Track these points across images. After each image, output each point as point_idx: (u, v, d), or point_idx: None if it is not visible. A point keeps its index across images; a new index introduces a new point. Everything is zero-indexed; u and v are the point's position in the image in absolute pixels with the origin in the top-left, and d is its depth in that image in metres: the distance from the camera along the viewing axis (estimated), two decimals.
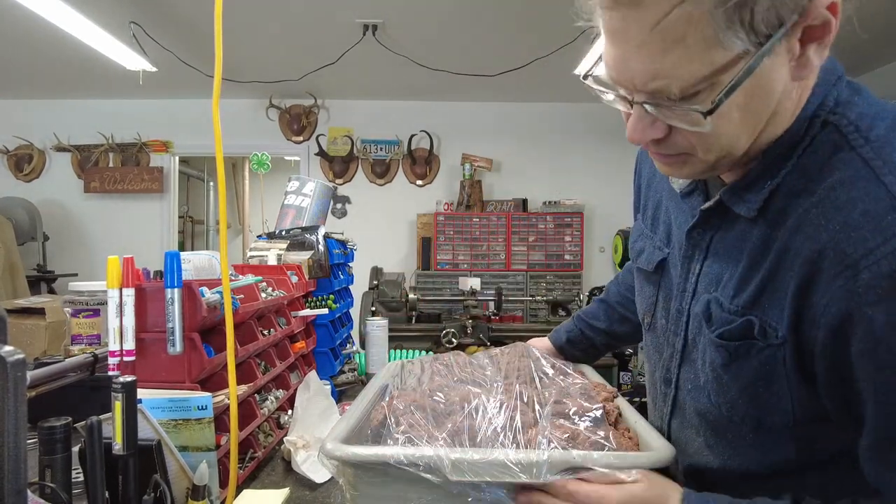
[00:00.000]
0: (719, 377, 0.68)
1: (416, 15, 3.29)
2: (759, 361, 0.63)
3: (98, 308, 1.31)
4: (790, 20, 0.51)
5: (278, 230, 1.85)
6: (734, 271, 0.66)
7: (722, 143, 0.59)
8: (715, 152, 0.60)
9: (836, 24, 0.54)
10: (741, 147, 0.60)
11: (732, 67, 0.53)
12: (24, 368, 0.53)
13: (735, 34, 0.51)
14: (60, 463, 0.69)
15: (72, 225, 5.01)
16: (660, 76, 0.54)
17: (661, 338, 0.81)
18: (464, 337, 3.13)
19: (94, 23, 3.15)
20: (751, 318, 0.63)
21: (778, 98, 0.57)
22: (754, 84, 0.54)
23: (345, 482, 0.72)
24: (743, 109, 0.56)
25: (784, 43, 0.53)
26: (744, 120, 0.57)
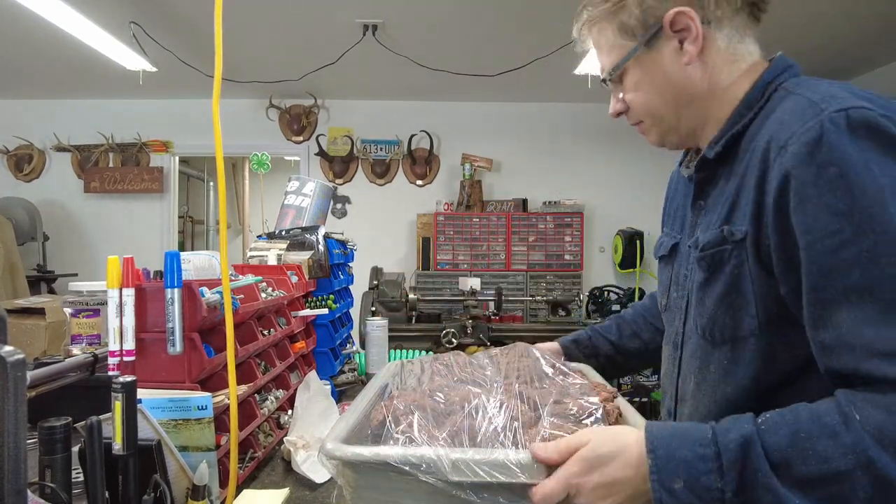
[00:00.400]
0: (701, 298, 0.81)
1: (416, 15, 3.29)
2: (729, 268, 0.76)
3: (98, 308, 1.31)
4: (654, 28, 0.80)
5: (278, 230, 1.85)
6: (716, 210, 0.81)
7: (645, 109, 0.86)
8: (647, 116, 0.87)
9: (696, 27, 0.78)
10: (667, 113, 0.85)
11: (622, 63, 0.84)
12: (24, 368, 0.53)
13: (624, 39, 0.83)
14: (60, 463, 0.69)
15: (72, 225, 5.01)
16: (603, 70, 0.88)
17: (673, 310, 0.93)
18: (464, 337, 3.13)
19: (94, 23, 3.15)
20: (723, 227, 0.77)
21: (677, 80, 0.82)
22: (645, 66, 0.83)
23: (344, 482, 0.72)
24: (644, 84, 0.84)
25: (662, 41, 0.80)
26: (650, 91, 0.84)
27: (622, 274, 5.01)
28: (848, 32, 3.39)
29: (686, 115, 0.84)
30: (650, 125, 0.88)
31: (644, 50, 0.81)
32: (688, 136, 0.87)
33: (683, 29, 0.79)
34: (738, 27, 0.80)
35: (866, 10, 3.10)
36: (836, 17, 3.20)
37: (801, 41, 3.51)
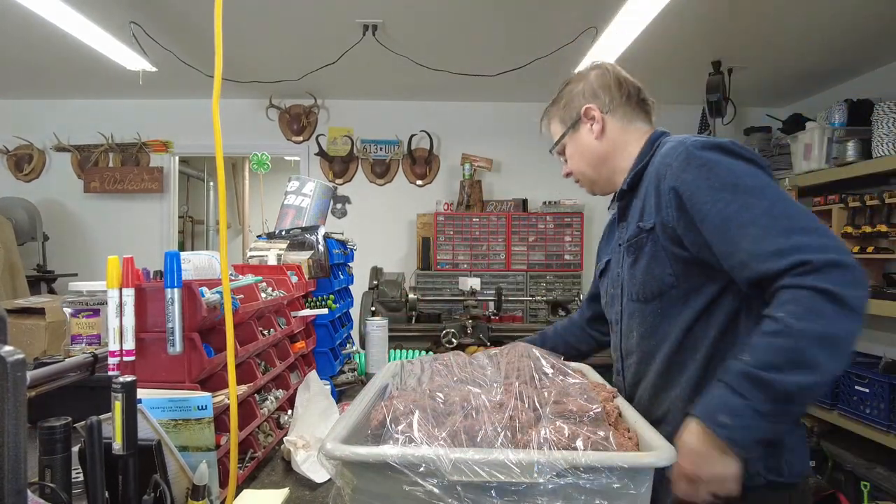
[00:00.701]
0: (632, 274, 1.17)
1: (416, 15, 3.29)
2: (647, 248, 1.12)
3: (98, 308, 1.31)
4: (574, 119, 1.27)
5: (278, 230, 1.85)
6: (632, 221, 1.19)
7: (578, 169, 1.31)
8: (579, 174, 1.32)
9: (598, 115, 1.24)
10: (591, 173, 1.29)
11: (559, 141, 1.31)
12: (23, 368, 0.53)
13: (561, 126, 1.30)
14: (60, 463, 0.69)
15: (72, 225, 5.01)
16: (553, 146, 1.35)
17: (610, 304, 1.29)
18: (464, 337, 3.13)
19: (94, 23, 3.14)
20: (639, 224, 1.15)
21: (595, 147, 1.26)
22: (575, 142, 1.28)
23: (344, 482, 0.72)
24: (576, 154, 1.29)
25: (581, 125, 1.26)
26: (580, 159, 1.29)
27: None
28: (848, 32, 3.39)
29: (602, 170, 1.27)
30: (583, 180, 1.33)
31: (571, 132, 1.28)
32: (606, 185, 1.29)
33: (592, 117, 1.24)
34: (626, 113, 1.25)
35: (866, 10, 3.10)
36: (836, 18, 3.20)
37: (801, 41, 3.51)
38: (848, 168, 3.37)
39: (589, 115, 1.24)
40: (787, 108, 4.78)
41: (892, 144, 3.09)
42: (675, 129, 1.22)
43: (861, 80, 4.13)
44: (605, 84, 1.25)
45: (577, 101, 1.25)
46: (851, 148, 3.40)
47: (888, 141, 3.11)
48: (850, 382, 3.02)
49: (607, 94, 1.24)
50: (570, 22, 3.29)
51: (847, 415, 3.03)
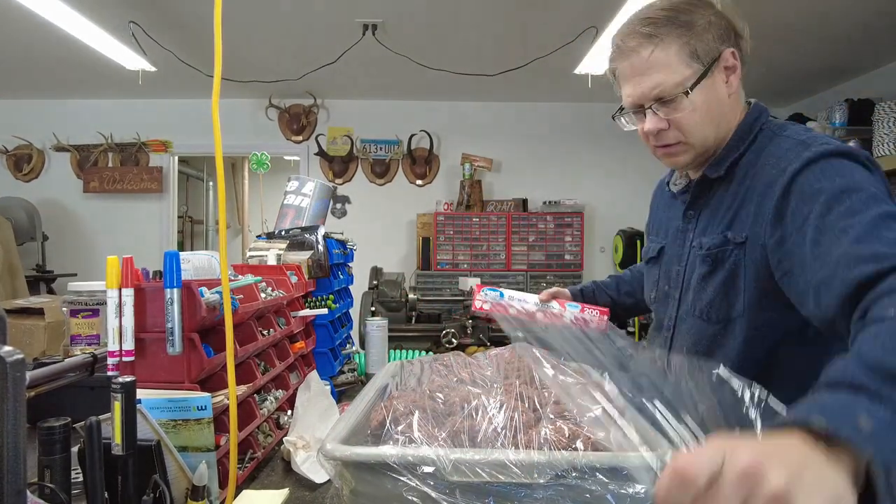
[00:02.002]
0: (704, 284, 1.01)
1: (416, 15, 3.29)
2: (729, 263, 0.97)
3: (97, 308, 1.31)
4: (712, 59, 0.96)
5: (278, 230, 1.85)
6: (716, 219, 1.02)
7: (697, 130, 0.99)
8: (694, 136, 0.99)
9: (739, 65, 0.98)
10: (709, 137, 1.00)
11: (692, 79, 0.96)
12: (23, 368, 0.53)
13: (691, 61, 0.96)
14: (60, 463, 0.69)
15: (71, 225, 5.01)
16: (658, 85, 0.97)
17: (663, 301, 1.13)
18: (464, 337, 3.13)
19: (93, 23, 3.14)
20: (726, 233, 0.98)
21: (722, 106, 0.99)
22: (707, 90, 0.97)
23: (344, 483, 0.72)
24: (703, 105, 0.97)
25: (717, 72, 0.97)
26: (705, 114, 0.98)
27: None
28: (849, 32, 3.39)
29: (720, 136, 1.01)
30: (687, 146, 1.01)
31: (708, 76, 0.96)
32: (705, 154, 1.03)
33: (732, 66, 0.98)
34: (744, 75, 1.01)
35: (866, 10, 3.10)
36: (837, 17, 3.20)
37: (801, 41, 3.51)
38: None
39: (730, 63, 0.98)
40: (788, 108, 4.78)
41: (893, 144, 3.10)
42: None
43: (862, 80, 4.13)
44: (741, 26, 0.99)
45: (714, 38, 0.96)
46: None
47: (889, 141, 3.12)
48: None
49: (745, 41, 1.00)
50: (570, 22, 3.29)
51: None
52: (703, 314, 1.01)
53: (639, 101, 1.00)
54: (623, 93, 1.04)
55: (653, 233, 1.24)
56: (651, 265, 1.20)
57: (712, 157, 1.03)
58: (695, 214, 1.08)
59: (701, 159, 1.03)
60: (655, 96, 0.98)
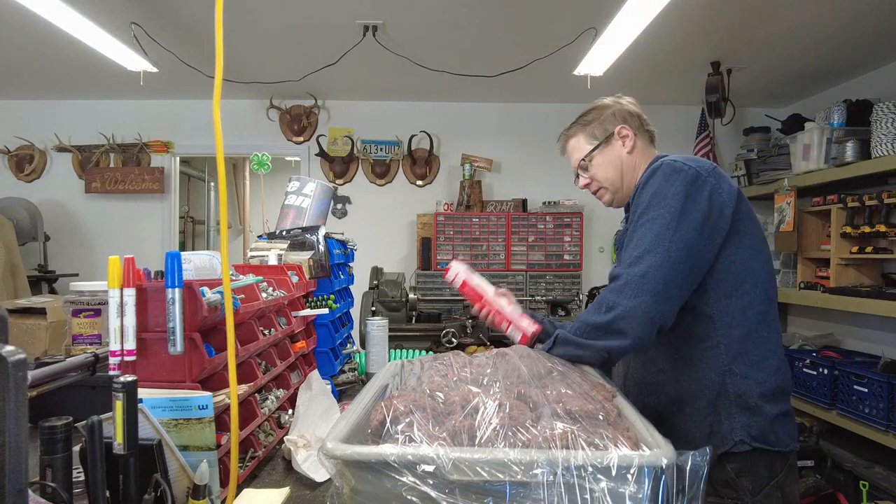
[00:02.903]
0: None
1: (416, 15, 3.29)
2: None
3: (99, 308, 1.31)
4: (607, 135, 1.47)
5: (279, 230, 1.85)
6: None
7: (605, 178, 1.48)
8: (606, 182, 1.48)
9: (630, 134, 1.46)
10: (616, 181, 1.47)
11: (591, 151, 1.48)
12: (25, 368, 0.53)
13: (591, 141, 1.49)
14: (61, 462, 0.69)
15: (73, 225, 5.01)
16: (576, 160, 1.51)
17: None
18: (464, 337, 3.13)
19: (95, 24, 3.15)
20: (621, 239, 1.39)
21: (625, 162, 1.46)
22: (605, 153, 1.47)
23: (344, 481, 0.72)
24: (605, 162, 1.47)
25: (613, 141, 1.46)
26: (608, 167, 1.47)
27: None
28: (847, 32, 3.39)
29: (627, 179, 1.46)
30: (606, 190, 1.49)
31: (603, 146, 1.46)
32: (626, 195, 1.46)
33: (625, 135, 1.45)
34: (643, 139, 1.48)
35: (865, 11, 3.10)
36: (835, 18, 3.20)
37: (800, 41, 3.51)
38: (847, 168, 3.37)
39: (622, 134, 1.45)
40: (787, 109, 4.78)
41: (891, 145, 3.09)
42: (675, 129, 1.25)
43: (860, 81, 4.13)
44: (633, 112, 1.48)
45: (611, 122, 1.46)
46: (850, 148, 3.40)
47: (887, 141, 3.12)
48: (849, 382, 3.02)
49: (636, 120, 1.47)
50: (570, 22, 3.29)
51: (846, 414, 3.03)
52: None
53: (574, 170, 1.53)
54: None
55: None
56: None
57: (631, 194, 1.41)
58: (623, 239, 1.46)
59: (620, 196, 1.48)
60: (579, 166, 1.51)
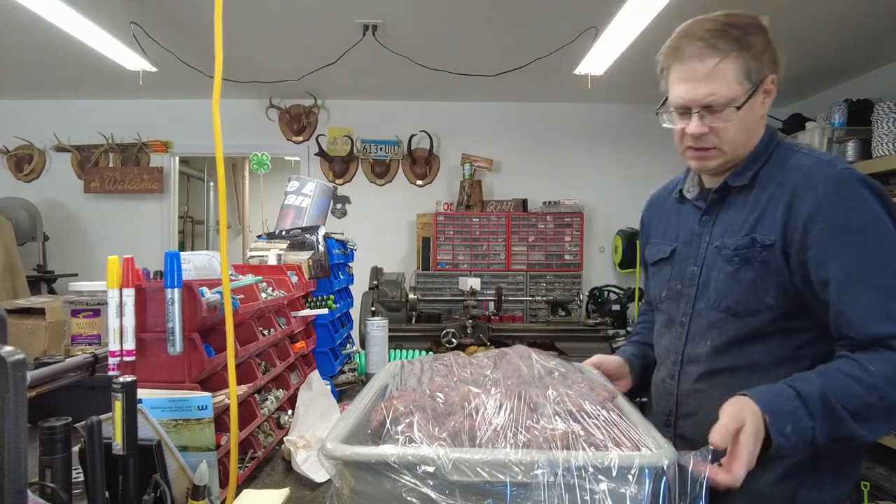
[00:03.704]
0: (731, 281, 1.08)
1: (416, 15, 3.29)
2: (758, 262, 1.05)
3: (98, 308, 1.31)
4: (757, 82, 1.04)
5: (278, 230, 1.85)
6: (736, 223, 1.10)
7: (733, 140, 1.07)
8: (729, 144, 1.08)
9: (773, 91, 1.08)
10: (741, 146, 1.10)
11: (744, 95, 1.04)
12: (24, 368, 0.53)
13: (745, 80, 1.04)
14: (60, 463, 0.69)
15: (72, 225, 5.01)
16: (712, 94, 1.04)
17: (675, 299, 1.19)
18: (464, 337, 3.13)
19: (94, 23, 3.15)
20: (753, 235, 1.07)
21: (755, 123, 1.09)
22: (749, 108, 1.05)
23: (344, 482, 0.72)
24: (744, 120, 1.06)
25: (758, 94, 1.06)
26: (743, 127, 1.07)
27: (622, 274, 5.01)
28: (848, 32, 3.39)
29: (746, 151, 1.11)
30: (721, 153, 1.09)
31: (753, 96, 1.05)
32: (731, 164, 1.12)
33: (769, 90, 1.07)
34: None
35: (865, 11, 3.10)
36: (836, 18, 3.20)
37: (800, 41, 3.51)
38: None
39: (768, 87, 1.07)
40: (787, 108, 4.78)
41: (892, 144, 3.09)
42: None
43: (861, 80, 4.13)
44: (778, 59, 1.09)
45: (766, 63, 1.05)
46: (851, 148, 3.40)
47: (888, 141, 3.12)
48: None
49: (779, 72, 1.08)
50: (570, 22, 3.29)
51: None
52: (731, 310, 1.08)
53: (689, 104, 1.06)
54: (672, 92, 1.09)
55: (657, 237, 1.30)
56: (661, 265, 1.26)
57: (733, 167, 1.12)
58: (710, 219, 1.16)
59: (727, 166, 1.12)
60: (706, 104, 1.04)
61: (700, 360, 1.12)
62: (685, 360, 1.15)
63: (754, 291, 1.05)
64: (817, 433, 0.89)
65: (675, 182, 1.30)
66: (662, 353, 1.22)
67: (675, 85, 1.08)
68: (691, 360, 1.14)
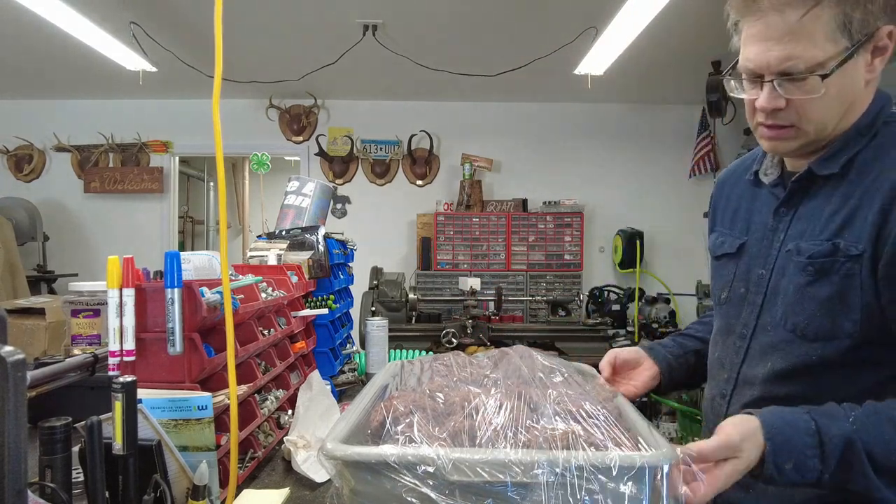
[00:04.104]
0: (802, 297, 0.87)
1: (416, 15, 3.29)
2: (839, 276, 0.82)
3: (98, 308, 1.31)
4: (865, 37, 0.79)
5: (278, 230, 1.85)
6: (818, 222, 0.87)
7: (819, 116, 0.83)
8: (813, 124, 0.84)
9: (891, 48, 0.81)
10: (830, 125, 0.84)
11: (837, 57, 0.79)
12: (24, 368, 0.53)
13: (840, 35, 0.78)
14: (60, 463, 0.69)
15: (72, 225, 5.01)
16: (791, 58, 0.79)
17: (738, 304, 0.99)
18: (464, 337, 3.13)
19: (94, 23, 3.15)
20: (836, 241, 0.83)
21: (856, 94, 0.83)
22: (845, 74, 0.80)
23: (344, 482, 0.72)
24: (836, 91, 0.81)
25: (862, 53, 0.80)
26: (835, 100, 0.82)
27: (622, 274, 5.01)
28: None
29: (839, 129, 0.86)
30: (801, 132, 0.85)
31: (855, 57, 0.79)
32: (817, 145, 0.88)
33: (883, 46, 0.81)
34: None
35: None
36: None
37: None
38: None
39: (882, 43, 0.80)
40: None
41: None
42: (676, 128, 1.12)
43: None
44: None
45: (877, 9, 0.79)
46: None
47: None
48: None
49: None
50: (570, 22, 3.29)
51: None
52: (798, 330, 0.87)
53: (761, 70, 0.83)
54: (743, 54, 0.85)
55: (724, 225, 1.07)
56: (725, 261, 1.04)
57: (821, 149, 0.87)
58: (788, 212, 0.93)
59: (808, 149, 0.88)
60: (783, 70, 0.80)
61: (756, 382, 0.93)
62: (740, 380, 0.96)
63: (830, 312, 0.84)
64: (825, 478, 0.74)
65: (753, 157, 1.04)
66: (715, 364, 1.03)
67: (747, 44, 0.84)
68: (747, 382, 0.95)
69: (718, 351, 1.03)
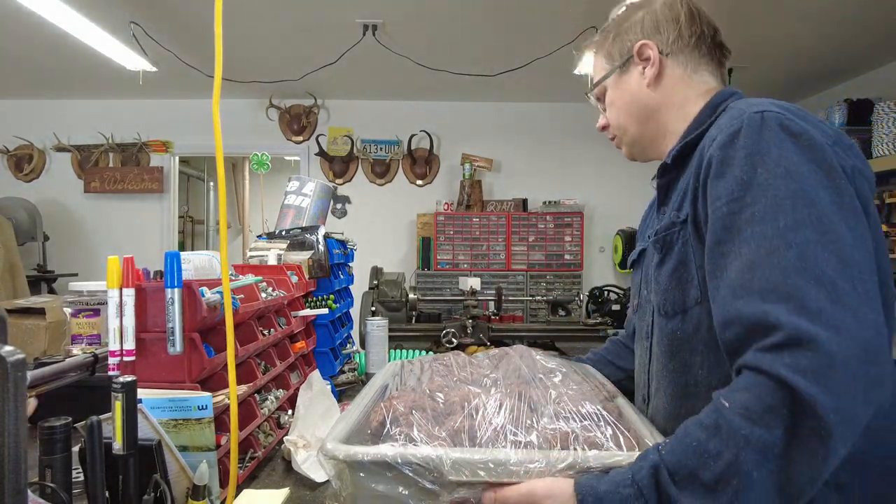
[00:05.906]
0: (658, 275, 0.90)
1: (416, 15, 3.29)
2: (678, 246, 0.86)
3: (98, 308, 1.31)
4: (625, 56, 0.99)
5: (278, 230, 1.85)
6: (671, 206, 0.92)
7: (616, 122, 1.03)
8: (618, 129, 1.03)
9: (654, 56, 0.95)
10: (634, 129, 1.01)
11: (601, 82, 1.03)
12: (24, 368, 0.53)
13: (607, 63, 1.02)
14: (60, 463, 0.69)
15: (72, 225, 5.01)
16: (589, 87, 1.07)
17: (644, 306, 1.00)
18: (464, 337, 3.13)
19: (94, 23, 3.15)
20: (672, 215, 0.89)
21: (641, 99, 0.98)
22: (618, 87, 1.00)
23: (343, 482, 0.72)
24: (618, 102, 1.01)
25: (632, 67, 0.98)
26: (622, 110, 1.01)
27: (622, 274, 5.01)
28: (848, 32, 3.39)
29: (648, 128, 1.00)
30: (620, 138, 1.05)
31: (619, 73, 1.00)
32: (650, 148, 1.02)
33: (647, 58, 0.96)
34: (693, 59, 0.96)
35: (866, 11, 3.10)
36: (836, 18, 3.20)
37: (801, 41, 3.51)
38: None
39: (644, 55, 0.95)
40: None
41: (892, 144, 3.10)
42: None
43: (861, 80, 4.13)
44: (673, 16, 0.94)
45: (633, 35, 0.96)
46: None
47: (888, 141, 3.12)
48: None
49: (673, 30, 0.94)
50: (570, 22, 3.29)
51: None
52: (661, 308, 0.89)
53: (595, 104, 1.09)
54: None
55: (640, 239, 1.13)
56: (635, 270, 1.09)
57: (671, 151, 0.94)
58: (665, 209, 0.96)
59: (645, 151, 1.03)
60: (586, 93, 1.08)
61: (660, 377, 0.92)
62: (651, 380, 0.96)
63: (679, 283, 0.85)
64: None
65: None
66: (638, 372, 1.04)
67: None
68: (652, 378, 0.95)
69: (638, 359, 1.05)
